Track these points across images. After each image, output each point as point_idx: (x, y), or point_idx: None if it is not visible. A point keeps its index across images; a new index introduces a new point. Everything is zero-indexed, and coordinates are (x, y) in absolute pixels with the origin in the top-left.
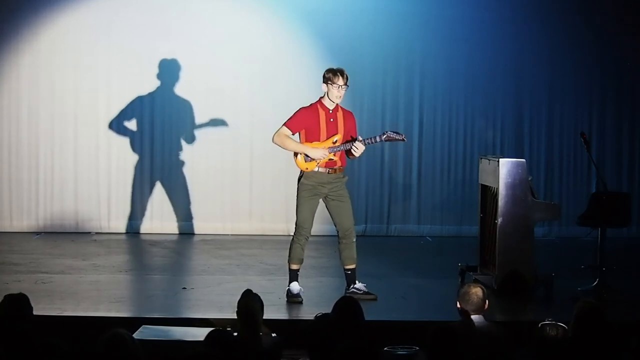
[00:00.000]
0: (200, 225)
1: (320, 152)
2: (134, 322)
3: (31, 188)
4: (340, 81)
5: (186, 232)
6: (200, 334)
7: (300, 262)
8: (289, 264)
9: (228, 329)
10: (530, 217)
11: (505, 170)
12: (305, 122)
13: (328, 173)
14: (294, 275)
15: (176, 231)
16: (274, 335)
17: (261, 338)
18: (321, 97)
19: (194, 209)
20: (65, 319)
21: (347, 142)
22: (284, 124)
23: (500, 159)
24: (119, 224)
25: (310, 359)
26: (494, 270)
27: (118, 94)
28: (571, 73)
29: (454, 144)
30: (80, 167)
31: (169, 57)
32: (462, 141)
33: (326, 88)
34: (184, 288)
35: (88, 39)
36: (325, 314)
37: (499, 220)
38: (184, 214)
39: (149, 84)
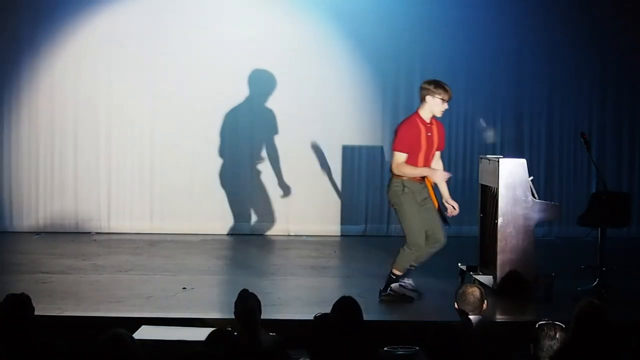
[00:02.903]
0: (201, 226)
1: (441, 175)
2: (134, 322)
3: (31, 188)
4: (446, 96)
5: (186, 232)
6: (200, 334)
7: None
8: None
9: (229, 329)
10: (531, 217)
11: (505, 170)
12: (412, 141)
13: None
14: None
15: (176, 231)
16: (273, 334)
17: (261, 338)
18: (419, 109)
19: (195, 209)
20: (65, 319)
21: None
22: (397, 150)
23: (501, 159)
24: (119, 224)
25: (310, 359)
26: (494, 271)
27: (118, 94)
28: (572, 73)
29: (453, 144)
30: (80, 167)
31: (167, 55)
32: (462, 141)
33: (428, 100)
34: (184, 288)
35: (88, 38)
36: (324, 314)
37: (499, 220)
38: (184, 214)
39: (150, 82)
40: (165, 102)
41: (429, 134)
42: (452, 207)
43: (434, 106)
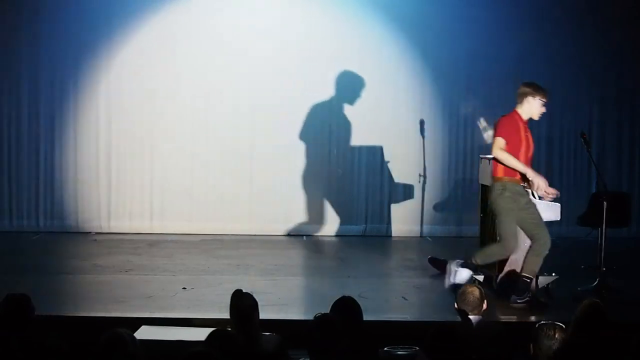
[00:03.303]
0: (201, 226)
1: (542, 181)
2: (134, 322)
3: (31, 188)
4: (546, 98)
5: (187, 232)
6: (200, 334)
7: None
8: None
9: (228, 329)
10: None
11: None
12: (512, 132)
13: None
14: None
15: (176, 231)
16: (273, 334)
17: (260, 338)
18: (516, 109)
19: (194, 209)
20: (65, 319)
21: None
22: (500, 136)
23: None
24: (119, 224)
25: (310, 359)
26: (495, 271)
27: (118, 93)
28: (571, 72)
29: (454, 144)
30: (81, 167)
31: (172, 53)
32: (463, 141)
33: (529, 101)
34: (184, 288)
35: (89, 37)
36: (324, 314)
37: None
38: (185, 214)
39: (149, 81)
40: (169, 103)
41: (526, 134)
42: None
43: (534, 108)
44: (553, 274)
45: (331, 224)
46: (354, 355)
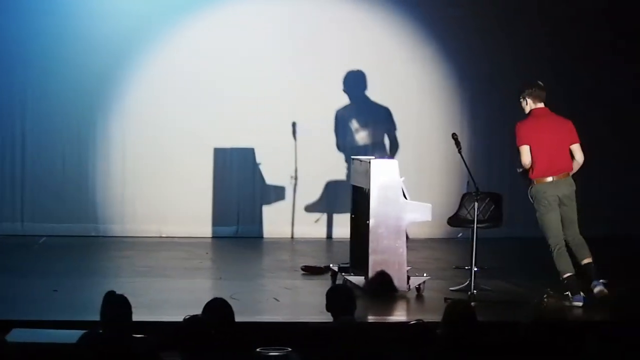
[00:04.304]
0: (69, 228)
1: None
2: (5, 325)
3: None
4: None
5: (57, 234)
6: (71, 336)
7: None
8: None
9: (100, 331)
10: (402, 218)
11: (376, 171)
12: None
13: None
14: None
15: (45, 232)
16: (145, 337)
17: (132, 340)
18: None
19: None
20: None
21: None
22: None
23: (372, 160)
24: None
25: None
26: (365, 271)
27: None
28: (442, 74)
29: (326, 146)
30: None
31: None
32: (335, 143)
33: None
34: (55, 290)
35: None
36: (195, 315)
37: (371, 221)
38: (54, 216)
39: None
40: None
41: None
42: None
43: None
44: (425, 274)
45: (203, 225)
46: (225, 357)
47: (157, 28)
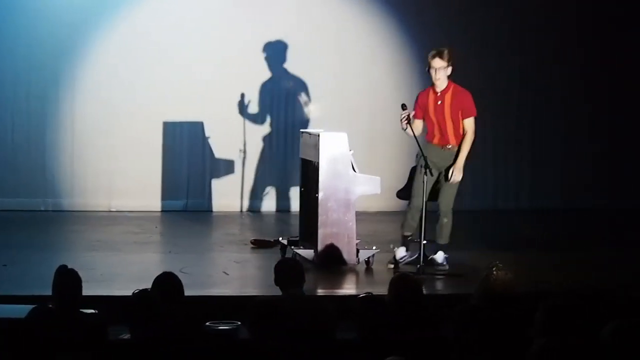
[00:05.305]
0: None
1: None
2: None
3: None
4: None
5: (11, 208)
6: (20, 311)
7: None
8: None
9: (50, 306)
10: (351, 191)
11: (326, 144)
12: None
13: None
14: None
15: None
16: (94, 312)
17: (81, 314)
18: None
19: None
20: None
21: None
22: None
23: (321, 133)
24: None
25: (130, 335)
26: (315, 244)
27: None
28: (394, 45)
29: (275, 119)
30: None
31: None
32: (284, 116)
33: None
34: (4, 265)
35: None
36: (143, 289)
37: (320, 194)
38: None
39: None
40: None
41: (439, 102)
42: None
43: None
44: (374, 247)
45: (153, 199)
46: (175, 331)
47: (108, 2)
